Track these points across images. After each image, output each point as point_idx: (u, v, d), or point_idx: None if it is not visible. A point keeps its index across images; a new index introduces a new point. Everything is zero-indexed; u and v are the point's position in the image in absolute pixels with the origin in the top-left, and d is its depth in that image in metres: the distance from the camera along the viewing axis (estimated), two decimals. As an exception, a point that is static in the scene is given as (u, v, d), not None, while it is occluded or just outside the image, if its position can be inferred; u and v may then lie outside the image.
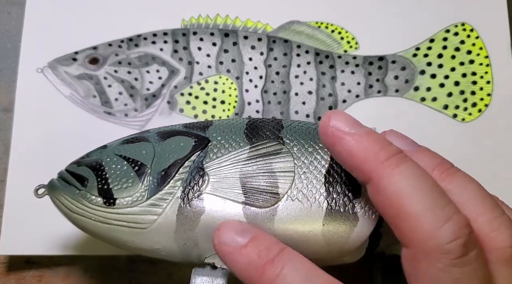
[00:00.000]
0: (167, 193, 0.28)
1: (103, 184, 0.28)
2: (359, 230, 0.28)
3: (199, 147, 0.29)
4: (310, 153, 0.29)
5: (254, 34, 0.43)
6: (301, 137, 0.30)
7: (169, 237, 0.28)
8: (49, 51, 0.41)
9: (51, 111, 0.40)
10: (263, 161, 0.28)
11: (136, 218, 0.28)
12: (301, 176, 0.28)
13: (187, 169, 0.28)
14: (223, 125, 0.31)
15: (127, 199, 0.28)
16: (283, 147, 0.29)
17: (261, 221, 0.28)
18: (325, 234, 0.28)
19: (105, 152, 0.30)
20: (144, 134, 0.31)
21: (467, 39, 0.43)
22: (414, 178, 0.24)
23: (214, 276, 0.28)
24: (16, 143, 0.39)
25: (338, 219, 0.28)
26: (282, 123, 0.31)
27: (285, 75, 0.42)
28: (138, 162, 0.29)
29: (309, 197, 0.28)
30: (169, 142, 0.29)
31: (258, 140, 0.29)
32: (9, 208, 0.38)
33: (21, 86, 0.41)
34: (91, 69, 0.41)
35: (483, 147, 0.41)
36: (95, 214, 0.28)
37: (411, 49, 0.43)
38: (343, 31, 0.43)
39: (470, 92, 0.42)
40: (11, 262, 0.39)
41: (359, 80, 0.42)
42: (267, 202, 0.28)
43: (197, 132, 0.30)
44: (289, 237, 0.28)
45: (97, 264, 0.40)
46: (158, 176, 0.28)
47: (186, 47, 0.42)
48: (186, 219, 0.28)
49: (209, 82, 0.42)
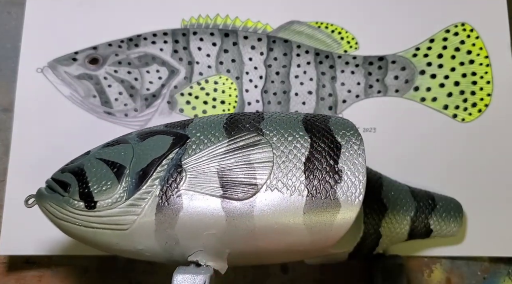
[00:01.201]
0: (145, 192, 0.28)
1: (84, 188, 0.28)
2: (342, 216, 0.28)
3: (177, 144, 0.29)
4: (289, 142, 0.28)
5: (254, 34, 0.43)
6: (281, 126, 0.29)
7: (150, 237, 0.28)
8: (49, 51, 0.41)
9: (51, 111, 0.40)
10: (241, 153, 0.28)
11: (116, 220, 0.28)
12: (280, 166, 0.28)
13: (165, 167, 0.28)
14: (203, 122, 0.31)
15: (106, 201, 0.28)
16: (261, 138, 0.28)
17: (240, 214, 0.27)
18: (307, 222, 0.28)
19: (87, 157, 0.30)
20: (126, 136, 0.31)
21: (467, 39, 0.43)
22: None
23: (196, 273, 0.27)
24: (16, 143, 0.39)
25: (320, 207, 0.27)
26: (263, 115, 0.31)
27: (285, 75, 0.42)
28: (117, 164, 0.28)
29: (288, 186, 0.27)
30: (148, 142, 0.29)
31: (237, 133, 0.29)
32: (9, 208, 0.38)
33: (21, 86, 0.41)
34: (91, 69, 0.41)
35: (483, 147, 0.41)
36: (78, 218, 0.28)
37: (411, 49, 0.43)
38: (343, 31, 0.43)
39: (470, 92, 0.42)
40: (11, 262, 0.39)
41: (359, 80, 0.42)
42: (246, 193, 0.27)
43: (176, 130, 0.30)
44: (270, 228, 0.27)
45: (97, 264, 0.40)
46: (136, 176, 0.28)
47: (186, 47, 0.42)
48: (165, 217, 0.28)
49: (209, 82, 0.42)
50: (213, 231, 0.28)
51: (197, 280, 0.27)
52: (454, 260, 0.41)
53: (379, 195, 0.36)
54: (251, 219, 0.27)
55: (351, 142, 0.29)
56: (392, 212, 0.36)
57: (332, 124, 0.30)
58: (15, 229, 0.38)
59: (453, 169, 0.41)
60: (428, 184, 0.40)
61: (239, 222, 0.27)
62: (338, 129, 0.29)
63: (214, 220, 0.27)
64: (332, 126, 0.30)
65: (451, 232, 0.38)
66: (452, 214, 0.38)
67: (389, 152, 0.41)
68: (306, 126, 0.29)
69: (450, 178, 0.41)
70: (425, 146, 0.41)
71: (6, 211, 0.38)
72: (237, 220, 0.27)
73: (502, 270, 0.41)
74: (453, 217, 0.38)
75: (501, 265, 0.41)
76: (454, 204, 0.39)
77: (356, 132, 0.29)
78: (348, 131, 0.29)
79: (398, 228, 0.36)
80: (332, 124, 0.30)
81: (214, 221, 0.27)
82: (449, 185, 0.40)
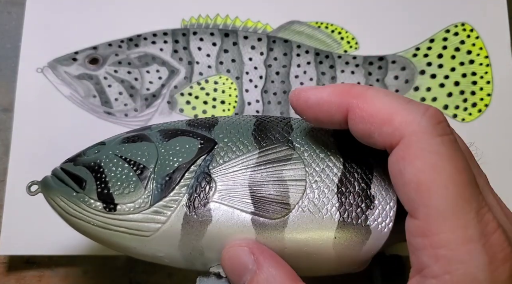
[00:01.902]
0: (172, 200, 0.26)
1: (102, 188, 0.27)
2: (371, 243, 0.27)
3: (205, 150, 0.27)
4: (321, 160, 0.27)
5: (254, 34, 0.43)
6: (312, 141, 0.28)
7: (173, 246, 0.27)
8: (49, 51, 0.41)
9: (51, 111, 0.40)
10: (273, 168, 0.27)
11: (138, 226, 0.27)
12: (313, 185, 0.27)
13: (192, 174, 0.27)
14: (229, 125, 0.29)
15: (129, 205, 0.26)
16: (293, 153, 0.27)
17: (270, 233, 0.26)
18: (337, 247, 0.27)
19: (104, 151, 0.28)
20: (146, 132, 0.29)
21: (467, 39, 0.43)
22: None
23: None
24: (16, 143, 0.39)
25: (351, 232, 0.26)
26: (291, 123, 0.29)
27: (285, 75, 0.42)
28: (140, 165, 0.27)
29: (321, 208, 0.26)
30: (173, 143, 0.28)
31: (267, 143, 0.28)
32: (9, 208, 0.38)
33: (21, 86, 0.41)
34: (91, 69, 0.41)
35: (483, 147, 0.41)
36: (94, 218, 0.27)
37: (411, 49, 0.43)
38: (343, 31, 0.43)
39: (470, 92, 0.42)
40: (11, 262, 0.39)
41: (359, 80, 0.42)
42: (278, 213, 0.26)
43: (202, 132, 0.28)
44: (299, 249, 0.27)
45: (97, 264, 0.40)
46: (162, 181, 0.26)
47: (186, 47, 0.42)
48: (192, 229, 0.26)
49: (209, 82, 0.42)
50: None
51: None
52: (454, 260, 0.41)
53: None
54: (281, 240, 0.26)
55: (382, 165, 0.27)
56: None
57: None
58: (15, 229, 0.38)
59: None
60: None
61: (269, 241, 0.26)
62: (369, 148, 0.27)
63: (243, 236, 0.26)
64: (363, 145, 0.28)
65: (451, 232, 0.38)
66: (452, 214, 0.38)
67: (389, 152, 0.41)
68: (336, 142, 0.28)
69: (450, 178, 0.41)
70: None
71: (6, 211, 0.38)
72: (267, 239, 0.26)
73: (502, 270, 0.41)
74: (453, 217, 0.38)
75: (501, 265, 0.41)
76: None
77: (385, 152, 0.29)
78: (378, 150, 0.28)
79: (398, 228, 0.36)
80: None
81: (243, 237, 0.26)
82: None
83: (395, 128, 0.23)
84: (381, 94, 0.24)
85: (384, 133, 0.24)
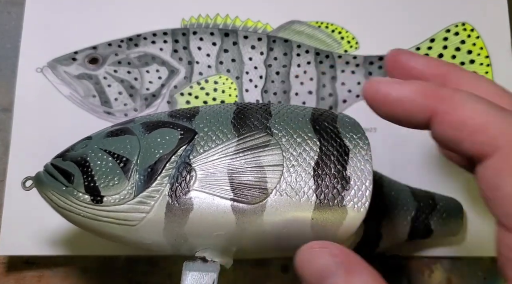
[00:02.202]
0: (155, 190, 0.28)
1: (89, 181, 0.28)
2: (348, 223, 0.28)
3: (185, 141, 0.28)
4: (299, 144, 0.28)
5: (254, 34, 0.43)
6: (290, 126, 0.29)
7: (158, 234, 0.28)
8: (48, 51, 0.41)
9: (50, 111, 0.40)
10: (251, 155, 0.28)
11: (124, 216, 0.28)
12: (290, 169, 0.28)
13: (173, 165, 0.28)
14: (209, 114, 0.30)
15: (114, 197, 0.28)
16: (271, 139, 0.28)
17: (250, 217, 0.27)
18: (314, 227, 0.28)
19: (90, 146, 0.29)
20: (129, 125, 0.30)
21: (468, 39, 0.43)
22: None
23: (205, 271, 0.28)
24: (16, 143, 0.39)
25: (327, 213, 0.28)
26: (270, 109, 0.30)
27: (285, 75, 0.42)
28: (123, 158, 0.28)
29: (298, 191, 0.27)
30: (154, 135, 0.29)
31: (246, 130, 0.28)
32: (9, 208, 0.38)
33: (21, 86, 0.41)
34: (91, 69, 0.41)
35: (483, 147, 0.41)
36: (83, 210, 0.28)
37: (411, 49, 0.43)
38: (343, 30, 0.43)
39: (470, 92, 0.42)
40: (11, 262, 0.39)
41: (359, 80, 0.42)
42: (256, 198, 0.27)
43: (183, 122, 0.29)
44: (277, 231, 0.28)
45: (96, 264, 0.40)
46: (145, 173, 0.28)
47: (186, 47, 0.42)
48: (174, 217, 0.28)
49: (209, 82, 0.42)
50: (223, 232, 0.28)
51: (206, 278, 0.28)
52: (454, 261, 0.41)
53: (379, 195, 0.36)
54: (260, 223, 0.27)
55: (358, 147, 0.29)
56: (393, 212, 0.36)
57: (340, 124, 0.30)
58: (15, 229, 0.38)
59: (453, 169, 0.41)
60: (428, 184, 0.39)
61: (249, 225, 0.28)
62: (345, 131, 0.29)
63: (224, 222, 0.27)
64: (340, 127, 0.29)
65: (452, 232, 0.38)
66: (452, 214, 0.38)
67: (389, 152, 0.41)
68: (314, 126, 0.29)
69: (450, 178, 0.41)
70: (425, 146, 0.41)
71: (6, 211, 0.38)
72: (247, 223, 0.27)
73: (502, 270, 0.41)
74: (453, 217, 0.38)
75: (502, 265, 0.41)
76: (454, 204, 0.39)
77: (363, 136, 0.29)
78: (355, 133, 0.29)
79: (399, 229, 0.36)
80: (340, 124, 0.30)
81: (224, 222, 0.27)
82: (449, 185, 0.40)
83: (490, 138, 0.22)
84: (473, 100, 0.23)
85: (476, 142, 0.23)
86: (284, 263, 0.41)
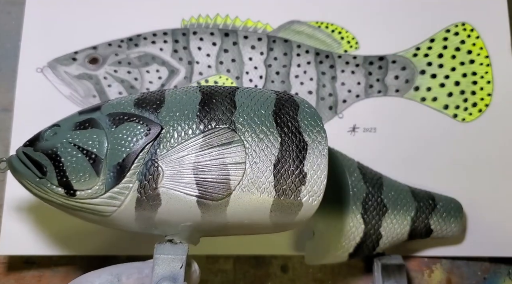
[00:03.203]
0: (124, 187, 0.29)
1: (61, 176, 0.29)
2: (302, 213, 0.30)
3: (152, 137, 0.29)
4: (261, 141, 0.29)
5: (254, 34, 0.43)
6: (253, 120, 0.30)
7: (130, 222, 0.30)
8: (49, 51, 0.41)
9: (51, 111, 0.40)
10: (216, 152, 0.29)
11: (97, 208, 0.29)
12: (252, 166, 0.29)
13: (141, 161, 0.29)
14: (175, 105, 0.30)
15: (87, 192, 0.29)
16: (235, 135, 0.29)
17: (214, 212, 0.29)
18: (273, 218, 0.30)
19: (59, 136, 0.30)
20: (96, 115, 0.31)
21: (468, 39, 0.43)
22: None
23: (175, 254, 0.30)
24: (16, 143, 0.39)
25: (285, 206, 0.29)
26: (235, 99, 0.31)
27: (285, 75, 0.42)
28: (92, 155, 0.29)
29: (258, 187, 0.29)
30: (121, 131, 0.29)
31: (211, 125, 0.29)
32: (9, 208, 0.38)
33: (21, 86, 0.41)
34: (91, 69, 0.41)
35: (483, 147, 0.41)
36: (58, 200, 0.29)
37: (411, 49, 0.43)
38: (343, 31, 0.43)
39: (470, 92, 0.42)
40: (11, 262, 0.39)
41: (359, 80, 0.42)
42: (220, 194, 0.29)
43: (148, 115, 0.30)
44: (240, 222, 0.30)
45: (96, 264, 0.39)
46: (114, 170, 0.29)
47: (186, 47, 0.42)
48: (144, 211, 0.29)
49: (209, 82, 0.42)
50: (189, 223, 0.30)
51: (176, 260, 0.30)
52: (454, 260, 0.41)
53: (379, 195, 0.36)
54: (224, 216, 0.29)
55: (316, 142, 0.30)
56: (393, 212, 0.36)
57: (300, 117, 0.31)
58: (15, 229, 0.38)
59: (453, 169, 0.41)
60: (428, 184, 0.39)
61: (213, 218, 0.29)
62: (305, 124, 0.30)
63: (190, 215, 0.29)
64: (300, 120, 0.31)
65: (452, 232, 0.38)
66: (452, 214, 0.38)
67: (389, 152, 0.41)
68: (276, 120, 0.30)
69: (450, 178, 0.41)
70: (425, 146, 0.41)
71: (6, 211, 0.38)
72: (212, 216, 0.29)
73: (502, 270, 0.41)
74: (453, 217, 0.38)
75: (502, 265, 0.41)
76: (454, 204, 0.39)
77: (321, 129, 0.31)
78: (314, 127, 0.30)
79: (399, 228, 0.36)
80: (300, 117, 0.31)
81: (190, 216, 0.29)
82: (449, 185, 0.40)
83: None
84: None
85: None
86: (284, 263, 0.41)
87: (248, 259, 0.40)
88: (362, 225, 0.35)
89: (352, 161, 0.37)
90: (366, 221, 0.35)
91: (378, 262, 0.37)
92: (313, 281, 0.40)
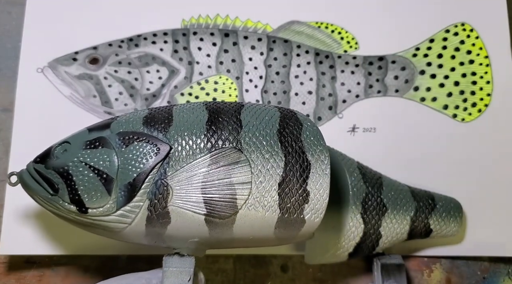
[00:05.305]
0: (135, 205, 0.30)
1: (73, 194, 0.30)
2: (305, 230, 0.31)
3: (161, 157, 0.30)
4: (266, 161, 0.30)
5: (254, 34, 0.43)
6: (259, 140, 0.31)
7: (140, 238, 0.31)
8: (49, 51, 0.41)
9: (51, 111, 0.40)
10: (223, 172, 0.30)
11: (108, 225, 0.30)
12: (258, 185, 0.30)
13: (151, 181, 0.30)
14: (183, 124, 0.31)
15: (98, 210, 0.30)
16: (241, 155, 0.30)
17: (221, 229, 0.30)
18: (277, 234, 0.31)
19: (70, 154, 0.30)
20: (106, 134, 0.31)
21: (467, 39, 0.43)
22: None
23: (183, 267, 0.31)
24: (16, 143, 0.39)
25: (289, 223, 0.31)
26: (241, 118, 0.31)
27: (285, 75, 0.42)
28: (103, 174, 0.30)
29: (264, 206, 0.30)
30: (131, 151, 0.30)
31: (218, 143, 0.30)
32: (9, 208, 0.38)
33: (21, 86, 0.41)
34: (91, 69, 0.41)
35: (483, 147, 0.41)
36: (70, 216, 0.30)
37: (411, 49, 0.43)
38: (343, 31, 0.43)
39: (470, 92, 0.42)
40: (11, 262, 0.39)
41: (359, 80, 0.43)
42: (228, 212, 0.30)
43: (157, 135, 0.30)
44: (246, 238, 0.31)
45: (97, 264, 0.40)
46: (125, 189, 0.30)
47: (186, 47, 0.42)
48: (154, 228, 0.30)
49: (209, 82, 0.42)
50: (197, 239, 0.31)
51: (184, 273, 0.31)
52: (454, 260, 0.41)
53: (379, 195, 0.36)
54: (230, 232, 0.31)
55: (319, 161, 0.31)
56: (392, 212, 0.36)
57: (304, 136, 0.31)
58: (15, 229, 0.38)
59: (453, 169, 0.41)
60: (428, 184, 0.40)
61: (220, 234, 0.31)
62: (308, 143, 0.31)
63: (198, 232, 0.30)
64: (304, 140, 0.31)
65: (451, 232, 0.38)
66: (452, 214, 0.38)
67: (389, 152, 0.41)
68: (281, 139, 0.31)
69: (450, 178, 0.41)
70: (425, 146, 0.41)
71: (6, 211, 0.38)
72: (219, 233, 0.30)
73: (502, 270, 0.41)
74: (453, 217, 0.38)
75: (501, 265, 0.41)
76: (454, 204, 0.39)
77: (324, 148, 0.31)
78: (317, 146, 0.31)
79: (398, 228, 0.36)
80: (304, 136, 0.31)
81: (198, 233, 0.30)
82: (449, 185, 0.40)
83: None
84: None
85: None
86: (284, 263, 0.41)
87: (248, 259, 0.41)
88: (361, 225, 0.35)
89: (352, 161, 0.37)
90: (365, 221, 0.35)
91: (377, 262, 0.37)
92: (313, 280, 0.41)
